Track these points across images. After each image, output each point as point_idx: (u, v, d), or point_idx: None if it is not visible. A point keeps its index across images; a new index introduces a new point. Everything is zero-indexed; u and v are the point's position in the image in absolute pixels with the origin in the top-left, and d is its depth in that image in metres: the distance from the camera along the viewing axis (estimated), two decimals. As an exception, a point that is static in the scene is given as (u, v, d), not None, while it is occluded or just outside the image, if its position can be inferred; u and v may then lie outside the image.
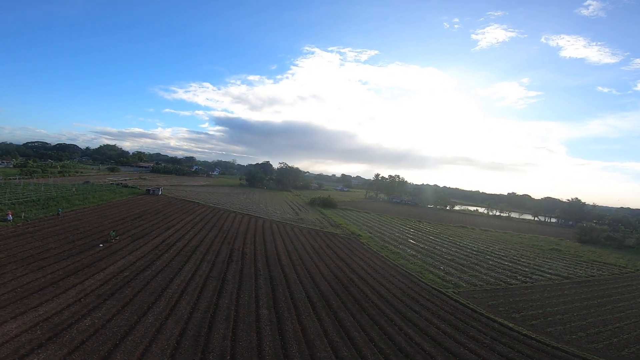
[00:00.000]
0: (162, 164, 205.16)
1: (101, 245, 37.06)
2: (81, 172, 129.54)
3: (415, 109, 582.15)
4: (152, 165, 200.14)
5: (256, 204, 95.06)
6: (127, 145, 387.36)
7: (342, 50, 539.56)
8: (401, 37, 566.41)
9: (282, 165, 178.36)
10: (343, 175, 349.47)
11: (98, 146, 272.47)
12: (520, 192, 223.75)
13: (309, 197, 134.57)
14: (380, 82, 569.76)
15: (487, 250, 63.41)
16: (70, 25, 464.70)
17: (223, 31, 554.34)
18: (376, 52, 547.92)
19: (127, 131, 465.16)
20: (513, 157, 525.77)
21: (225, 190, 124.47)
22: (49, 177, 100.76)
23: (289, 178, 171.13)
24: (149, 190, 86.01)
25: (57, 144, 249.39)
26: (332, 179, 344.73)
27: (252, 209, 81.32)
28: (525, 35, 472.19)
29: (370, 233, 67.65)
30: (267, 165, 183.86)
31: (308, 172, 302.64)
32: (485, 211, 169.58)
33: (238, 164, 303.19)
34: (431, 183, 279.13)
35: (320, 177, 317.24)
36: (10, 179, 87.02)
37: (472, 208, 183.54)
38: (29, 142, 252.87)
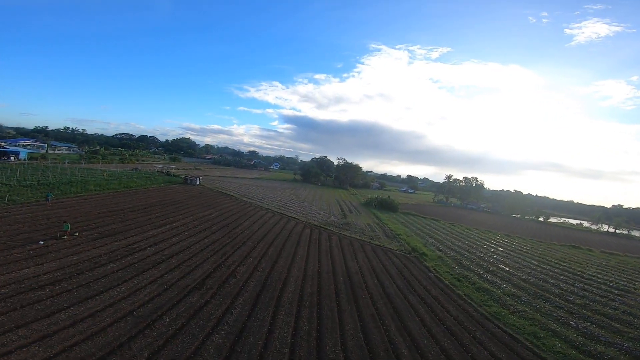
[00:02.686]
0: (225, 156, 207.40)
1: (42, 242, 27.38)
2: (143, 160, 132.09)
3: (494, 109, 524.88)
4: (215, 157, 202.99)
5: (300, 201, 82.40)
6: (208, 140, 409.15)
7: (410, 48, 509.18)
8: (477, 34, 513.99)
9: (341, 161, 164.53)
10: (409, 176, 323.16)
11: (177, 138, 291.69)
12: (627, 204, 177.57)
13: (366, 196, 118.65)
14: (453, 81, 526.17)
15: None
16: (160, 30, 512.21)
17: (290, 30, 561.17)
18: (448, 49, 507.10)
19: (208, 127, 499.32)
20: (616, 164, 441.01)
21: (274, 185, 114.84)
22: (108, 163, 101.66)
23: (347, 175, 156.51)
24: (186, 179, 79.32)
25: (140, 136, 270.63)
26: (396, 179, 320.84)
27: (291, 207, 68.71)
28: (634, 30, 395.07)
29: (440, 250, 49.26)
30: (324, 160, 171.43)
31: (371, 171, 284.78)
32: (593, 226, 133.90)
33: (301, 160, 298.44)
34: (511, 189, 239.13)
35: (384, 177, 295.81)
36: (67, 162, 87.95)
37: (572, 221, 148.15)
38: (117, 134, 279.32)
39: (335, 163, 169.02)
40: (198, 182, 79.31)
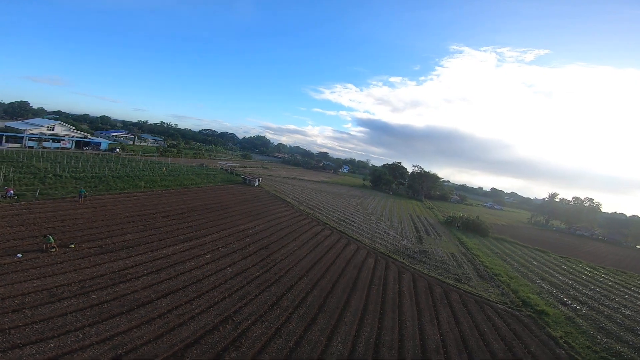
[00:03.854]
0: (295, 156, 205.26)
1: (20, 255, 21.53)
2: (214, 156, 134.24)
3: (601, 118, 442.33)
4: (285, 157, 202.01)
5: (366, 214, 71.13)
6: (284, 140, 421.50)
7: (498, 50, 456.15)
8: (583, 35, 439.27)
9: (417, 168, 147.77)
10: (493, 189, 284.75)
11: (253, 136, 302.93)
12: None
13: (445, 212, 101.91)
14: (552, 86, 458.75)
15: None
16: (245, 34, 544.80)
17: (366, 33, 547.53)
18: (547, 51, 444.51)
19: (284, 127, 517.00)
20: None
21: (340, 190, 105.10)
22: (181, 157, 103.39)
23: (423, 185, 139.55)
24: (245, 179, 74.15)
25: (221, 132, 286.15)
26: (477, 191, 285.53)
27: (354, 223, 57.97)
28: None
29: (563, 304, 33.60)
30: (397, 167, 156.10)
31: (449, 181, 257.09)
32: None
33: (372, 165, 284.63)
34: (623, 212, 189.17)
35: (463, 189, 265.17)
36: (140, 154, 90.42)
37: None
38: (203, 130, 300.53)
39: (410, 170, 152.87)
40: (257, 184, 73.50)
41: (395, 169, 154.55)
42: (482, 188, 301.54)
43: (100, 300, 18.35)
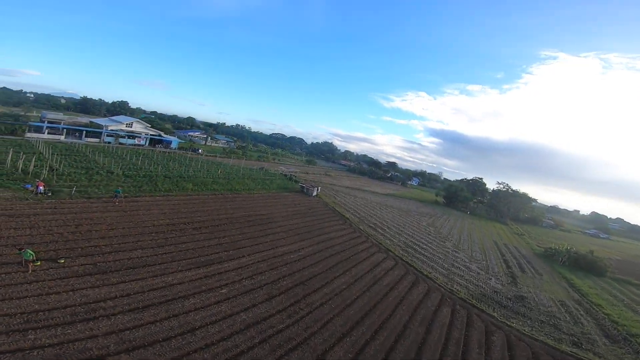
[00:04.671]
0: (361, 165, 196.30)
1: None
2: (279, 160, 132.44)
3: None
4: (351, 164, 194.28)
5: (440, 239, 59.25)
6: (352, 148, 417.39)
7: (603, 56, 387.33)
8: None
9: (502, 186, 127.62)
10: (594, 213, 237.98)
11: (321, 142, 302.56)
12: None
13: (539, 239, 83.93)
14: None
15: None
16: (316, 41, 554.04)
17: (440, 39, 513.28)
18: None
19: (353, 135, 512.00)
20: None
21: (409, 206, 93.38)
22: (244, 159, 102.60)
23: (509, 205, 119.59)
24: (302, 188, 68.03)
25: (290, 137, 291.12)
26: (572, 215, 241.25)
27: (425, 250, 47.15)
28: None
29: None
30: (477, 183, 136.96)
31: (537, 200, 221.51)
32: None
33: (444, 178, 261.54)
34: None
35: (556, 211, 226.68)
36: (205, 154, 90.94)
37: None
38: (273, 133, 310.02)
39: (493, 187, 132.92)
40: (315, 193, 66.80)
41: (474, 185, 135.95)
42: (578, 211, 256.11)
43: (34, 344, 12.46)
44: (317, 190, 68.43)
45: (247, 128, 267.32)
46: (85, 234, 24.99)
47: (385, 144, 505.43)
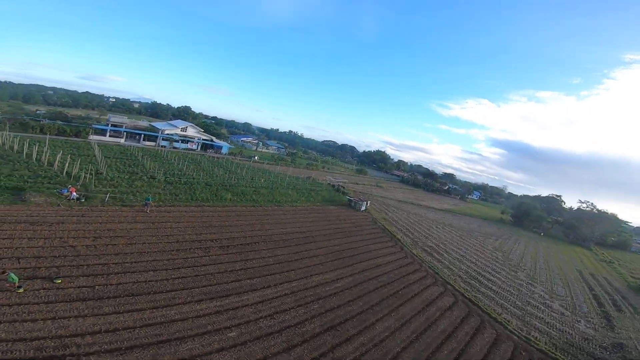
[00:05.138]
0: (416, 176, 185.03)
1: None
2: (328, 169, 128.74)
3: None
4: (404, 175, 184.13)
5: (510, 267, 49.65)
6: (404, 157, 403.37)
7: None
8: None
9: (584, 205, 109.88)
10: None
11: (373, 150, 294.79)
12: None
13: (631, 267, 69.44)
14: None
15: None
16: (367, 47, 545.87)
17: (505, 41, 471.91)
18: None
19: (406, 143, 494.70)
20: None
21: (470, 225, 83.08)
22: (291, 166, 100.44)
23: (593, 227, 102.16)
24: (350, 201, 62.89)
25: (341, 144, 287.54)
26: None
27: (493, 285, 38.67)
28: None
29: None
30: (553, 200, 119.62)
31: (628, 223, 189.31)
32: None
33: (509, 193, 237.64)
34: None
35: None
36: (253, 160, 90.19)
37: None
38: (325, 141, 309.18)
39: (573, 206, 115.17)
40: (363, 208, 61.28)
41: (549, 203, 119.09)
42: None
43: None
44: (366, 204, 62.79)
45: (299, 134, 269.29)
46: (100, 249, 22.70)
47: (441, 153, 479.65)
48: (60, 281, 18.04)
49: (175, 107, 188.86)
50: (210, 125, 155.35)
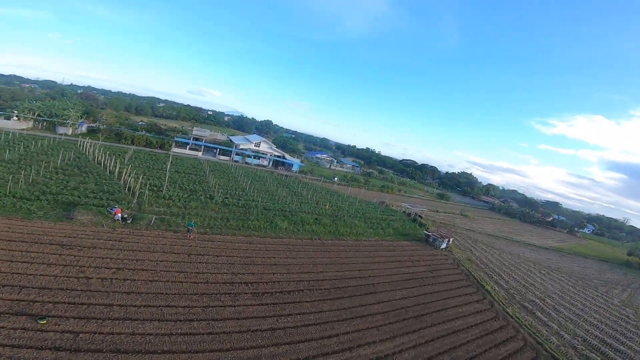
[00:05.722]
0: (509, 203, 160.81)
1: None
2: (406, 192, 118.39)
3: None
4: (495, 202, 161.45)
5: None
6: (494, 179, 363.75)
7: None
8: None
9: None
10: None
11: (457, 172, 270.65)
12: None
13: None
14: None
15: None
16: (450, 62, 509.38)
17: (627, 47, 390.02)
18: None
19: (496, 164, 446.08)
20: None
21: (586, 269, 64.85)
22: (363, 188, 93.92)
23: None
24: (428, 237, 53.45)
25: (421, 164, 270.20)
26: None
27: (628, 357, 26.68)
28: None
29: None
30: None
31: None
32: None
33: (630, 226, 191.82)
34: None
35: None
36: (323, 181, 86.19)
37: None
38: (404, 159, 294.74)
39: None
40: (444, 245, 51.32)
41: None
42: None
43: None
44: (448, 242, 52.58)
45: (376, 152, 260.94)
46: (114, 284, 19.57)
47: (539, 176, 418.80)
48: (45, 322, 15.11)
49: (259, 120, 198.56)
50: (288, 140, 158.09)
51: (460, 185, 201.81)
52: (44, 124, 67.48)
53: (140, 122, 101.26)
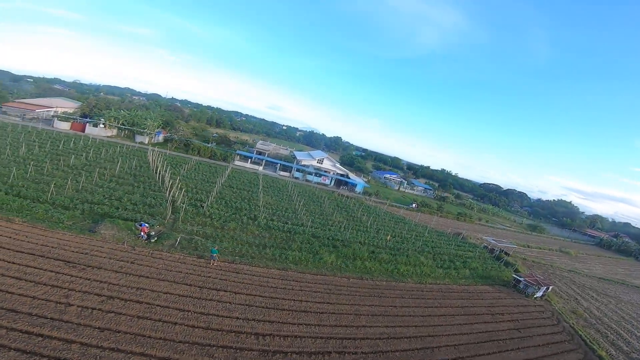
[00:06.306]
0: (622, 238, 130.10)
1: None
2: (487, 220, 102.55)
3: None
4: (604, 237, 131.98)
5: None
6: (599, 209, 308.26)
7: None
8: None
9: None
10: None
11: (552, 199, 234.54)
12: None
13: None
14: None
15: None
16: (545, 76, 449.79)
17: None
18: None
19: (602, 192, 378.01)
20: None
21: None
22: (436, 215, 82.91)
23: None
24: (517, 282, 42.03)
25: (507, 189, 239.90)
26: None
27: None
28: None
29: None
30: None
31: None
32: None
33: None
34: None
35: None
36: (389, 204, 77.94)
37: None
38: (485, 183, 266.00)
39: None
40: (540, 294, 39.55)
41: None
42: None
43: None
44: (546, 290, 40.50)
45: (452, 174, 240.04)
46: (93, 317, 16.01)
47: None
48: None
49: (329, 136, 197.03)
50: (356, 157, 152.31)
51: (557, 215, 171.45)
52: (126, 132, 72.44)
53: (214, 135, 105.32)
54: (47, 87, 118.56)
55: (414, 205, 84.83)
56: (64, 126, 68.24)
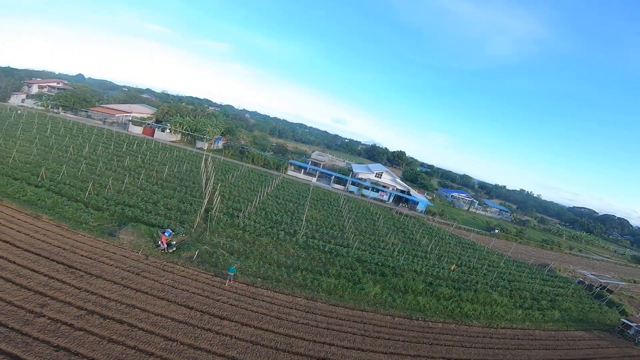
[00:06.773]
0: None
1: None
2: (581, 249, 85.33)
3: None
4: None
5: None
6: None
7: None
8: None
9: None
10: None
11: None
12: None
13: None
14: None
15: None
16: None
17: None
18: None
19: None
20: None
21: None
22: (515, 241, 70.90)
23: None
24: (625, 327, 31.49)
25: (602, 215, 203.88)
26: None
27: None
28: None
29: None
30: None
31: None
32: None
33: None
34: None
35: None
36: (462, 227, 68.62)
37: None
38: (575, 207, 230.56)
39: None
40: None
41: None
42: None
43: None
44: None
45: (533, 195, 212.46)
46: (59, 333, 13.43)
47: None
48: None
49: (391, 151, 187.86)
50: (420, 174, 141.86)
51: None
52: (188, 137, 75.13)
53: (272, 144, 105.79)
54: (135, 95, 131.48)
55: (496, 230, 73.54)
56: (137, 130, 72.94)
